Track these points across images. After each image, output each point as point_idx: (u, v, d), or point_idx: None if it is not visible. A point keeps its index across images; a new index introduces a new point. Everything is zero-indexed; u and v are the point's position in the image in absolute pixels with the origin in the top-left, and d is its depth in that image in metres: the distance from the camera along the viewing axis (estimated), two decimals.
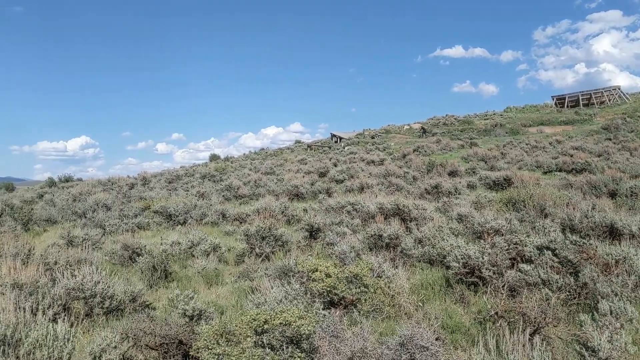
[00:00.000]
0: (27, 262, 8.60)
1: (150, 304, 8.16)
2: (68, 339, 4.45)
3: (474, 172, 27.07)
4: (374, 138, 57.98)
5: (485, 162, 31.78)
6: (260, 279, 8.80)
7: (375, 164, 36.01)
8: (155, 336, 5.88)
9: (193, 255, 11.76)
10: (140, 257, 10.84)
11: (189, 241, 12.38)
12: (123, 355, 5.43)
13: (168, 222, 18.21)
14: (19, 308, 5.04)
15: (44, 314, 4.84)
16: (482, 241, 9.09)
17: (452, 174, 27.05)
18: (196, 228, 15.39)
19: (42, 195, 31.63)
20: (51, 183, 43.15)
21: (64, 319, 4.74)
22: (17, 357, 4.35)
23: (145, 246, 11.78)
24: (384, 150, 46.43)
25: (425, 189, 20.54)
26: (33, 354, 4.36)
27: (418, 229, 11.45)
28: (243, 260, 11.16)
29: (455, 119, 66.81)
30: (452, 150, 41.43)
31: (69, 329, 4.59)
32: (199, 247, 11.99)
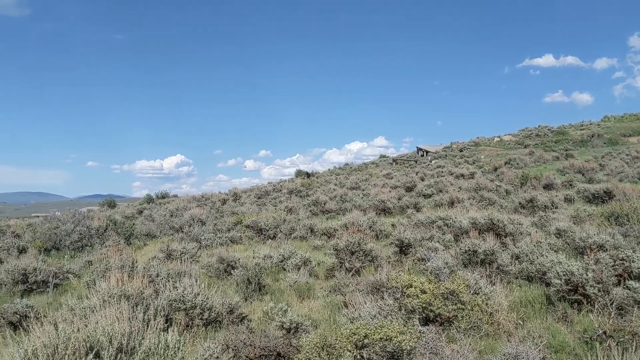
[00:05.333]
0: (132, 274, 9.10)
1: (246, 316, 8.38)
2: (178, 348, 4.67)
3: (570, 185, 25.80)
4: (462, 151, 56.65)
5: (583, 175, 30.17)
6: (352, 293, 8.78)
7: (465, 177, 35.12)
8: (254, 348, 6.02)
9: (284, 269, 11.98)
10: (235, 270, 11.20)
11: (280, 255, 12.64)
12: None
13: (259, 236, 18.73)
14: (131, 317, 5.34)
15: (154, 323, 5.11)
16: (584, 257, 8.62)
17: (547, 187, 25.88)
18: (286, 242, 15.68)
19: (142, 211, 33.41)
20: (149, 199, 45.31)
21: (173, 329, 4.98)
22: None
23: (239, 259, 12.16)
24: (474, 163, 45.25)
25: (520, 203, 19.75)
26: None
27: (514, 245, 11.03)
28: (333, 275, 11.20)
29: (548, 129, 63.90)
30: (546, 163, 39.69)
31: (178, 338, 4.81)
32: (289, 260, 12.20)
